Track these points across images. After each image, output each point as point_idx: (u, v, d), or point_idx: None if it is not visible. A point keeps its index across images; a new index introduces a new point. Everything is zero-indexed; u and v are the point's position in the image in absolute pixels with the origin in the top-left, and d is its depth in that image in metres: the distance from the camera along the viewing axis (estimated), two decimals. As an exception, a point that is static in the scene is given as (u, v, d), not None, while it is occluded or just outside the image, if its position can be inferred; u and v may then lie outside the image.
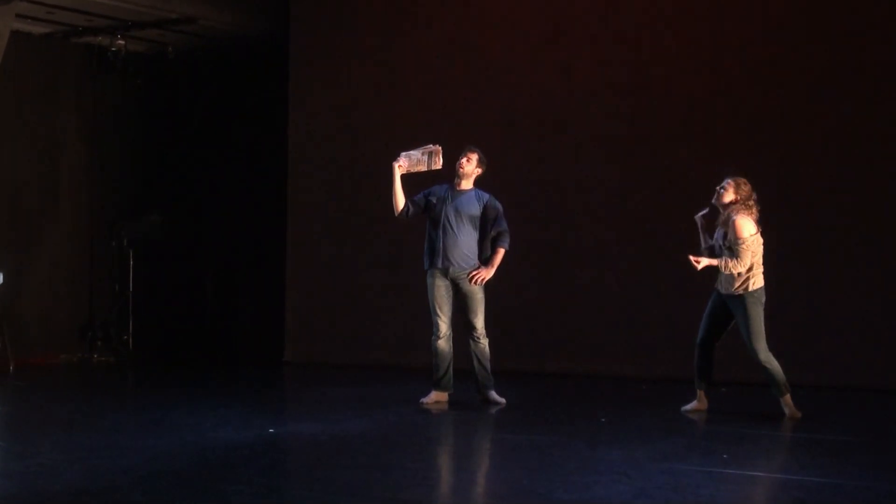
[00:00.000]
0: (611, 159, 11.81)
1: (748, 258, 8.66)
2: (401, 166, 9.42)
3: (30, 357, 12.92)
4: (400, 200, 9.48)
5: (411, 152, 9.44)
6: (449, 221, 9.36)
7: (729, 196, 8.77)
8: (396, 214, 9.55)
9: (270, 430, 8.33)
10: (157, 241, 14.35)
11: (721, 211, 8.85)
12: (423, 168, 9.42)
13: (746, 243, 8.65)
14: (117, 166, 14.45)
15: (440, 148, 9.41)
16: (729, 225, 8.73)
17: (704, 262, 8.72)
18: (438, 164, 9.40)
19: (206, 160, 15.11)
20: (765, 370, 8.76)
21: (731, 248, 8.68)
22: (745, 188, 8.76)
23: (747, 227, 8.69)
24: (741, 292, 8.73)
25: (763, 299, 8.76)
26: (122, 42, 13.68)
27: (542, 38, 12.18)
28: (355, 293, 13.03)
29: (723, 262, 8.68)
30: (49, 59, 13.87)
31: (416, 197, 9.51)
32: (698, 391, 9.13)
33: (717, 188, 8.86)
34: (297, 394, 11.92)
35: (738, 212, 8.71)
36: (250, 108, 14.84)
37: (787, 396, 8.81)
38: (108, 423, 9.03)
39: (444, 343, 9.45)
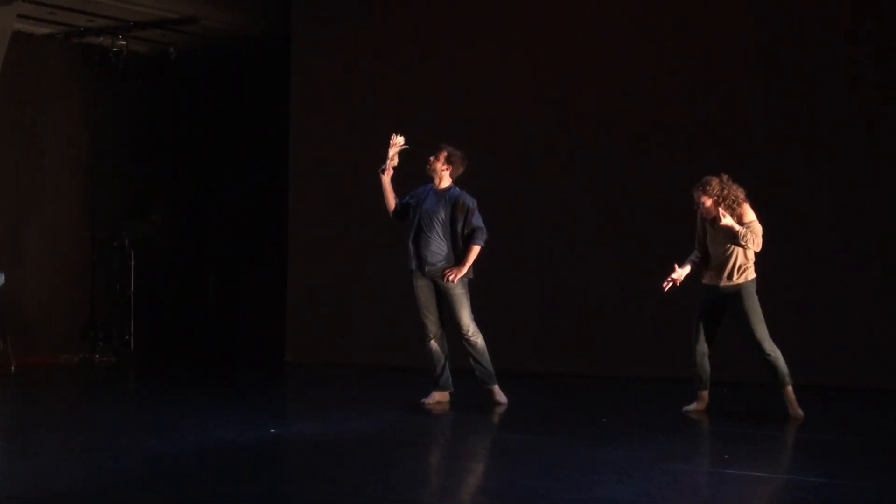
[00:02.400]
0: (611, 160, 11.81)
1: (760, 238, 8.62)
2: (385, 172, 9.43)
3: (31, 357, 12.93)
4: (391, 203, 9.52)
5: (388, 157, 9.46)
6: (422, 222, 9.34)
7: (708, 203, 8.73)
8: (390, 217, 9.60)
9: (272, 430, 8.33)
10: (158, 242, 14.37)
11: (715, 215, 8.76)
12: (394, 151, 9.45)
13: (755, 222, 8.62)
14: (119, 166, 14.46)
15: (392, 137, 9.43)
16: (738, 215, 8.69)
17: (728, 220, 8.60)
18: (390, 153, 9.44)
19: (207, 160, 15.12)
20: (768, 359, 8.70)
21: (750, 229, 8.63)
22: (713, 186, 8.70)
23: (751, 212, 8.68)
24: (742, 282, 8.72)
25: (755, 288, 8.77)
26: (123, 42, 13.69)
27: (542, 40, 12.19)
28: (356, 293, 13.04)
29: (743, 231, 8.59)
30: (50, 60, 13.88)
31: (403, 199, 9.54)
32: (699, 392, 9.11)
33: (696, 206, 8.81)
34: (298, 394, 11.93)
35: (735, 208, 8.65)
36: (252, 109, 14.85)
37: (789, 388, 8.75)
38: (108, 423, 9.04)
39: (435, 343, 9.44)
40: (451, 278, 9.27)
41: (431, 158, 9.40)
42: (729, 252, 8.73)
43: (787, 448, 8.15)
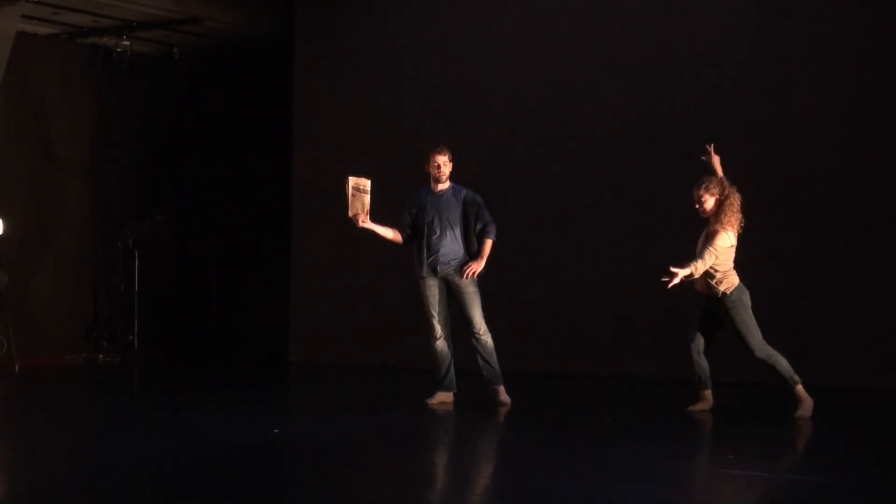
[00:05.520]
0: (613, 160, 11.81)
1: (709, 262, 8.51)
2: (363, 221, 9.23)
3: (35, 357, 12.95)
4: (395, 235, 9.44)
5: (353, 203, 9.13)
6: (432, 224, 9.32)
7: (710, 203, 8.69)
8: (404, 244, 9.52)
9: (275, 431, 8.34)
10: (162, 242, 14.38)
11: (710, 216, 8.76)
12: (367, 195, 9.15)
13: (715, 252, 8.52)
14: (123, 166, 14.49)
15: (350, 180, 9.16)
16: (710, 232, 8.67)
17: (679, 275, 8.45)
18: (363, 190, 9.13)
19: (211, 160, 15.14)
20: (767, 367, 8.71)
21: (703, 248, 8.62)
22: (715, 185, 8.65)
23: (726, 240, 8.58)
24: (722, 292, 8.67)
25: (744, 297, 8.67)
26: (127, 42, 13.72)
27: (543, 40, 12.20)
28: (360, 293, 13.05)
29: (693, 267, 8.48)
30: (54, 60, 13.90)
31: (404, 219, 9.45)
32: (702, 392, 9.09)
33: (696, 205, 8.75)
34: (301, 394, 11.94)
35: (727, 217, 8.61)
36: (255, 109, 14.87)
37: (799, 387, 8.72)
38: (112, 423, 9.06)
39: (440, 343, 9.44)
40: (469, 274, 9.28)
41: (441, 166, 9.32)
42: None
43: (790, 448, 8.14)
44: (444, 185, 9.42)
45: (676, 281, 8.48)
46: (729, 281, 8.68)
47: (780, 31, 11.20)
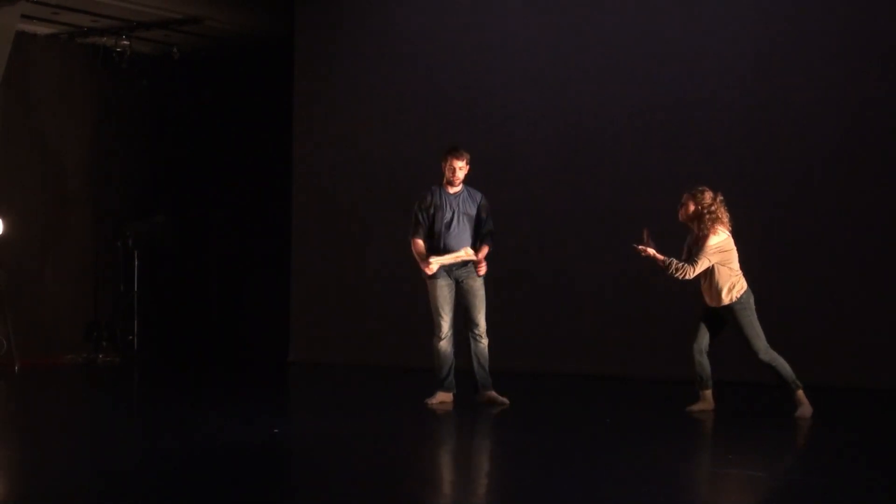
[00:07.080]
0: (612, 159, 11.82)
1: (701, 267, 8.65)
2: (431, 269, 9.32)
3: (35, 357, 12.94)
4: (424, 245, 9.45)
5: (443, 258, 9.30)
6: (451, 224, 9.37)
7: (690, 209, 8.79)
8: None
9: (275, 430, 8.34)
10: (162, 242, 14.37)
11: (689, 225, 8.86)
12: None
13: (708, 254, 8.64)
14: (122, 167, 14.49)
15: (470, 253, 9.35)
16: (697, 238, 8.75)
17: (649, 252, 8.74)
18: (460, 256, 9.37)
19: (211, 161, 15.14)
20: (770, 369, 8.75)
21: (694, 254, 8.69)
22: (705, 196, 8.76)
23: (722, 235, 8.69)
24: (733, 301, 8.72)
25: (751, 300, 8.75)
26: (127, 42, 13.72)
27: (545, 39, 12.19)
28: (359, 294, 13.05)
29: (670, 262, 8.67)
30: (54, 60, 13.90)
31: (422, 221, 9.41)
32: (702, 392, 9.09)
33: (680, 206, 8.88)
34: (301, 394, 11.94)
35: (709, 225, 8.68)
36: (255, 109, 14.87)
37: (800, 392, 8.76)
38: (112, 423, 9.06)
39: (445, 343, 9.45)
40: (482, 272, 9.36)
41: (462, 167, 9.37)
42: (709, 273, 8.73)
43: (790, 448, 8.15)
44: (458, 187, 9.47)
45: (643, 253, 8.74)
46: (741, 284, 8.74)
47: (779, 32, 11.19)
